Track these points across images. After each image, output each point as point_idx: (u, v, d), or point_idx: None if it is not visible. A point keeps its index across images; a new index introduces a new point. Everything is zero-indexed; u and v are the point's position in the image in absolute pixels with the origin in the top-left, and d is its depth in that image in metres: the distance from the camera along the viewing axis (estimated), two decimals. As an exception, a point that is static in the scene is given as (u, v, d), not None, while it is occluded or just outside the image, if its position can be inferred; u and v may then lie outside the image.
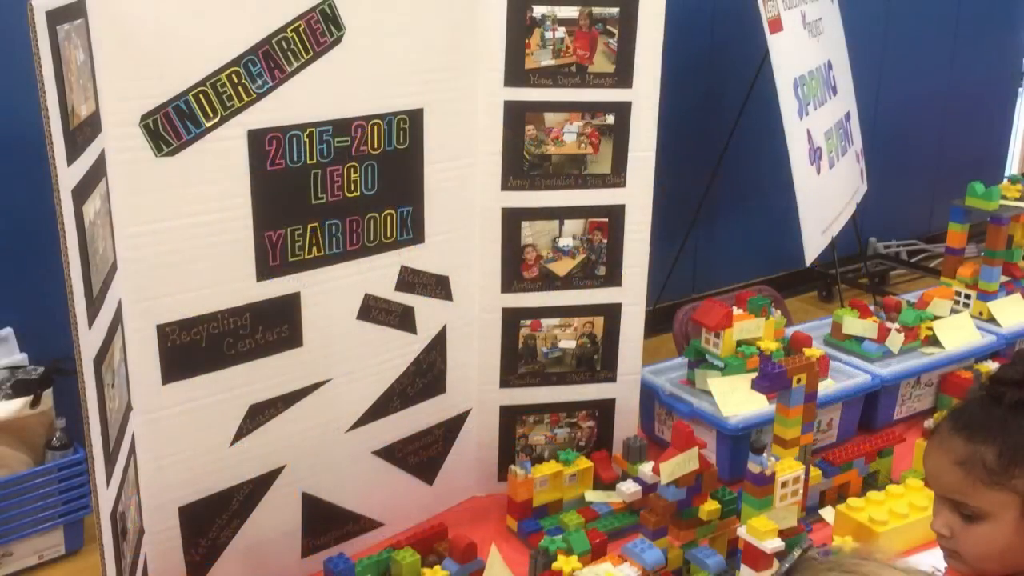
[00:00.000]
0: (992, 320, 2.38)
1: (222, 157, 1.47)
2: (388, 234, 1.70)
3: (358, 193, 1.64)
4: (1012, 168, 5.49)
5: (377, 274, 1.71)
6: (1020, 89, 5.46)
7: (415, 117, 1.68)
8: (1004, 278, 2.45)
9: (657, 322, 3.57)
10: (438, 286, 1.81)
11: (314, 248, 1.60)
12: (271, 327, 1.58)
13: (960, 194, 2.48)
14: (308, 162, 1.56)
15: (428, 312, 1.80)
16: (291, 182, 1.55)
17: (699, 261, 4.41)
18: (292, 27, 1.49)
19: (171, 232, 1.44)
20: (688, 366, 2.15)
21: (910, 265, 4.95)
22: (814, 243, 3.42)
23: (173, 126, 1.40)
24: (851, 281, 4.76)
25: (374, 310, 1.71)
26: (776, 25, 3.24)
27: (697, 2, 4.00)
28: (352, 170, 1.62)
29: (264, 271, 1.55)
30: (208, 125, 1.44)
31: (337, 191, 1.61)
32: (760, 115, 3.71)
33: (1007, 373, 1.22)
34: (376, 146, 1.64)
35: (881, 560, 0.82)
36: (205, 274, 1.48)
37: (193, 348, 1.49)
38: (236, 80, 1.45)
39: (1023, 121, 5.39)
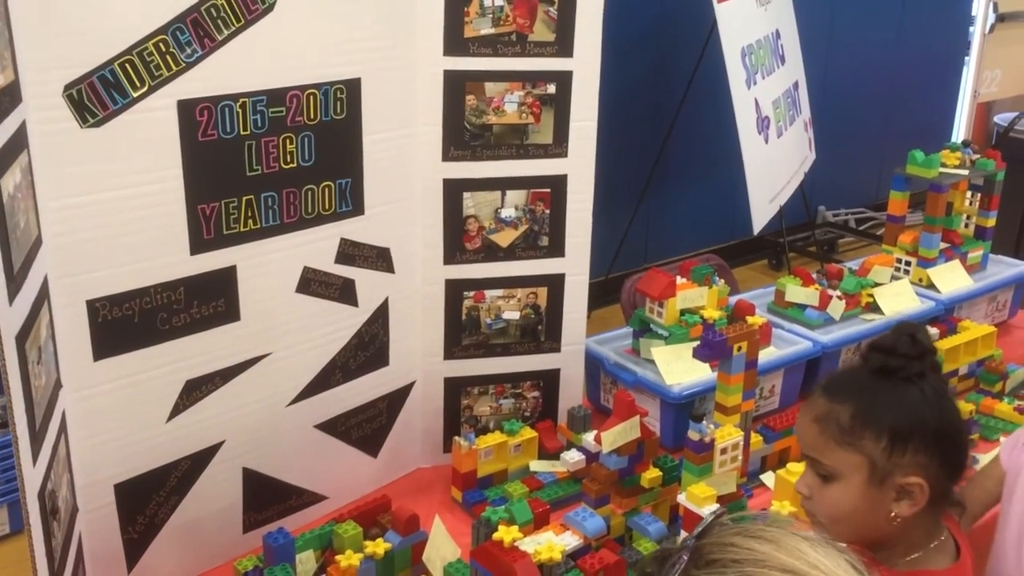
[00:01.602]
0: (932, 286, 2.42)
1: (151, 128, 1.43)
2: (326, 206, 1.68)
3: (295, 164, 1.62)
4: (958, 136, 5.58)
5: (316, 247, 1.69)
6: (966, 58, 5.52)
7: (352, 87, 1.66)
8: (944, 245, 2.49)
9: (610, 291, 3.60)
10: (379, 258, 1.79)
11: (250, 221, 1.58)
12: (207, 301, 1.55)
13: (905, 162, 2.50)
14: (242, 133, 1.53)
15: (369, 284, 1.78)
16: (224, 154, 1.52)
17: (651, 231, 4.44)
18: (222, -6, 1.46)
19: (99, 206, 1.40)
20: (633, 335, 2.16)
21: (858, 233, 5.03)
22: (762, 212, 3.46)
23: (98, 96, 1.36)
24: (800, 249, 4.83)
25: (314, 283, 1.70)
26: (724, -6, 3.24)
27: (646, -29, 3.99)
28: (288, 141, 1.60)
29: (198, 245, 1.52)
30: (135, 95, 1.40)
31: (273, 163, 1.59)
32: (709, 85, 3.73)
33: (880, 340, 1.24)
34: (312, 116, 1.62)
35: (786, 528, 0.82)
36: (136, 248, 1.45)
37: (125, 324, 1.46)
38: (164, 49, 1.41)
39: (969, 89, 5.46)
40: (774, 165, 3.58)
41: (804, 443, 1.25)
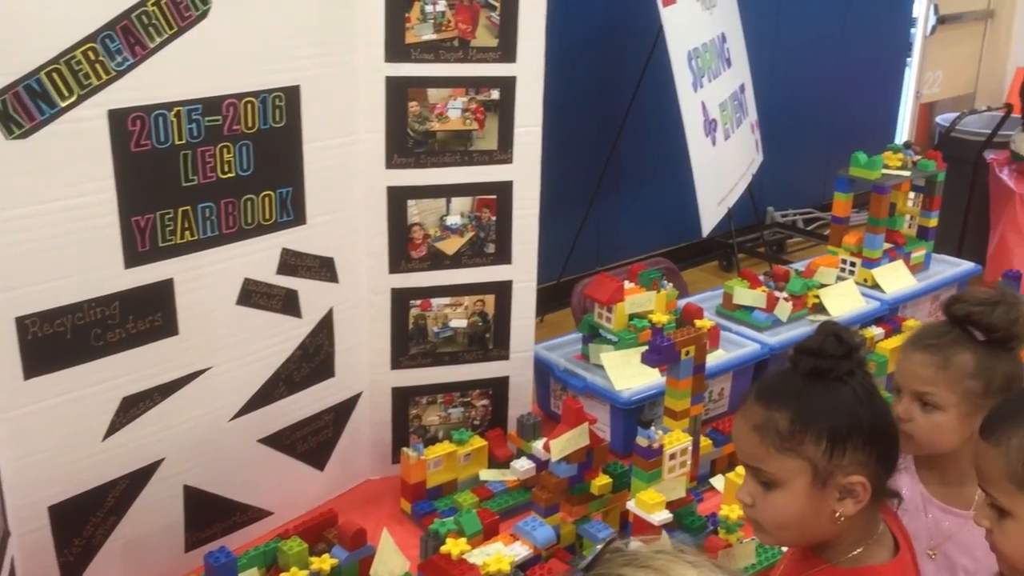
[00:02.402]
0: (876, 286, 2.45)
1: (81, 139, 1.39)
2: (267, 216, 1.65)
3: (233, 174, 1.58)
4: (902, 136, 5.67)
5: (257, 258, 1.65)
6: (908, 60, 5.62)
7: (291, 94, 1.63)
8: (887, 245, 2.52)
9: (562, 295, 3.58)
10: (323, 268, 1.76)
11: (187, 232, 1.54)
12: (143, 316, 1.51)
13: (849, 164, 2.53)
14: (177, 143, 1.50)
15: (313, 295, 1.75)
16: (159, 164, 1.48)
17: (602, 234, 4.44)
18: (153, 0, 1.42)
19: (27, 220, 1.36)
20: (582, 341, 2.15)
21: (806, 233, 5.07)
22: (711, 214, 3.47)
23: (24, 107, 1.32)
24: (750, 250, 4.86)
25: (255, 295, 1.66)
26: (669, -2, 3.24)
27: (593, -25, 3.99)
28: (225, 150, 1.56)
29: (132, 258, 1.48)
30: (64, 105, 1.36)
31: (210, 172, 1.55)
32: (657, 88, 3.74)
33: (807, 343, 1.22)
34: (251, 125, 1.58)
35: (676, 554, 0.81)
36: (67, 263, 1.41)
37: (57, 340, 1.42)
38: (93, 57, 1.37)
39: (911, 90, 5.55)
40: (722, 167, 3.60)
41: (744, 453, 1.23)
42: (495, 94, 1.82)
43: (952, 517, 1.54)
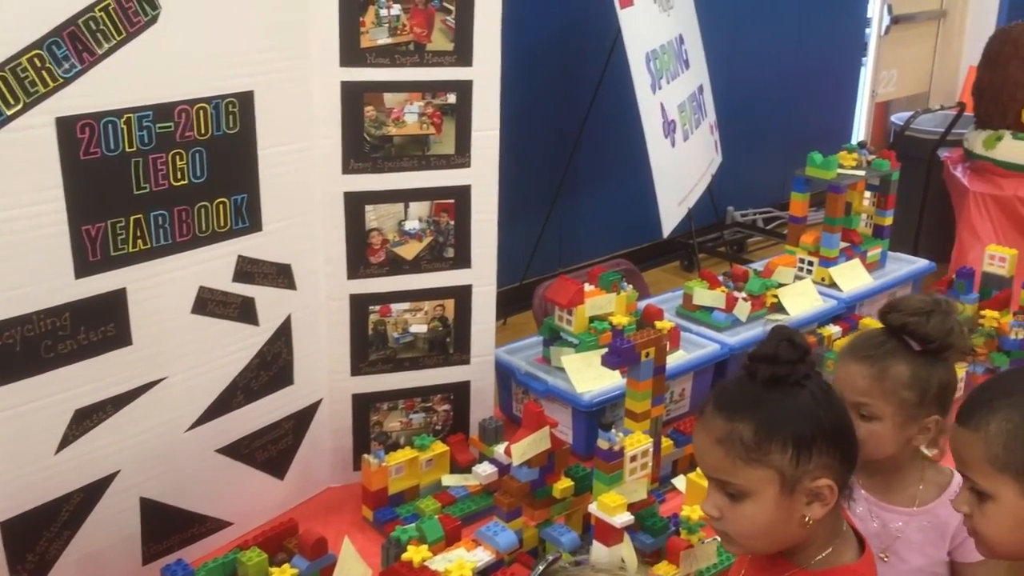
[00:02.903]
0: (833, 285, 2.48)
1: (29, 147, 1.37)
2: (222, 223, 1.63)
3: (186, 181, 1.56)
4: (859, 135, 5.75)
5: (212, 265, 1.63)
6: (863, 59, 5.69)
7: (245, 100, 1.61)
8: (844, 244, 2.54)
9: (525, 298, 3.59)
10: (280, 275, 1.75)
11: (139, 241, 1.52)
12: (95, 326, 1.49)
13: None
14: (127, 150, 1.47)
15: (270, 302, 1.74)
16: (109, 172, 1.46)
17: (564, 236, 4.45)
18: (100, 6, 1.40)
19: (-27, 230, 1.33)
20: (543, 344, 2.15)
21: (766, 232, 5.13)
22: (671, 214, 3.49)
23: (-32, 115, 1.29)
24: (711, 250, 4.90)
25: (210, 303, 1.64)
26: (627, 0, 3.27)
27: (551, -23, 4.00)
28: (178, 157, 1.54)
29: (83, 267, 1.46)
30: (10, 113, 1.33)
31: (162, 180, 1.53)
32: (616, 90, 3.75)
33: (761, 350, 1.20)
34: (203, 131, 1.56)
35: (614, 571, 0.81)
36: (15, 274, 1.38)
37: (6, 353, 1.39)
38: (39, 64, 1.35)
39: (867, 90, 5.62)
40: (681, 168, 3.62)
41: (708, 466, 1.20)
42: (452, 98, 1.82)
43: (899, 516, 1.57)
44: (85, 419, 1.50)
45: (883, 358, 1.49)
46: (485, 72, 1.83)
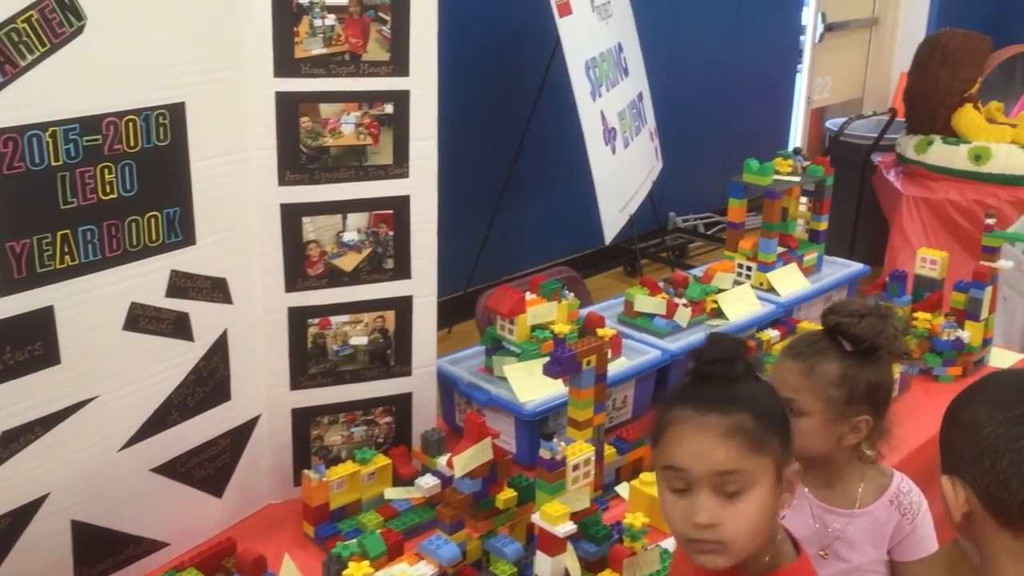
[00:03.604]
0: (771, 290, 2.51)
1: (-52, 162, 1.33)
2: (153, 237, 1.60)
3: (115, 195, 1.53)
4: (796, 140, 5.85)
5: (144, 280, 1.60)
6: (799, 66, 5.81)
7: (176, 111, 1.58)
8: (781, 249, 2.58)
9: (469, 306, 3.58)
10: (215, 289, 1.71)
11: (67, 257, 1.48)
12: (21, 345, 1.44)
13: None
14: (53, 164, 1.44)
15: (205, 317, 1.70)
16: (34, 187, 1.42)
17: (507, 243, 4.46)
18: (23, 17, 1.36)
19: None
20: (486, 353, 2.15)
21: (707, 237, 5.19)
22: (613, 221, 3.52)
23: None
24: (653, 255, 4.95)
25: (143, 319, 1.61)
26: (565, 9, 3.29)
27: (490, -14, 4.01)
28: (106, 171, 1.51)
29: (8, 285, 1.41)
30: (-72, 128, 1.29)
31: (90, 194, 1.49)
32: (557, 98, 3.78)
33: (721, 349, 1.23)
34: (133, 144, 1.53)
35: None
36: (-64, 293, 1.34)
37: (-73, 375, 1.35)
38: (-41, 77, 1.31)
39: (803, 96, 5.73)
40: (622, 175, 3.65)
41: (715, 464, 1.16)
42: (389, 108, 1.81)
43: (838, 517, 1.60)
44: (12, 441, 1.46)
45: (814, 356, 1.54)
46: (422, 82, 1.82)
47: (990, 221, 2.39)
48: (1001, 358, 2.47)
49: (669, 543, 1.68)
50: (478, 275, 4.17)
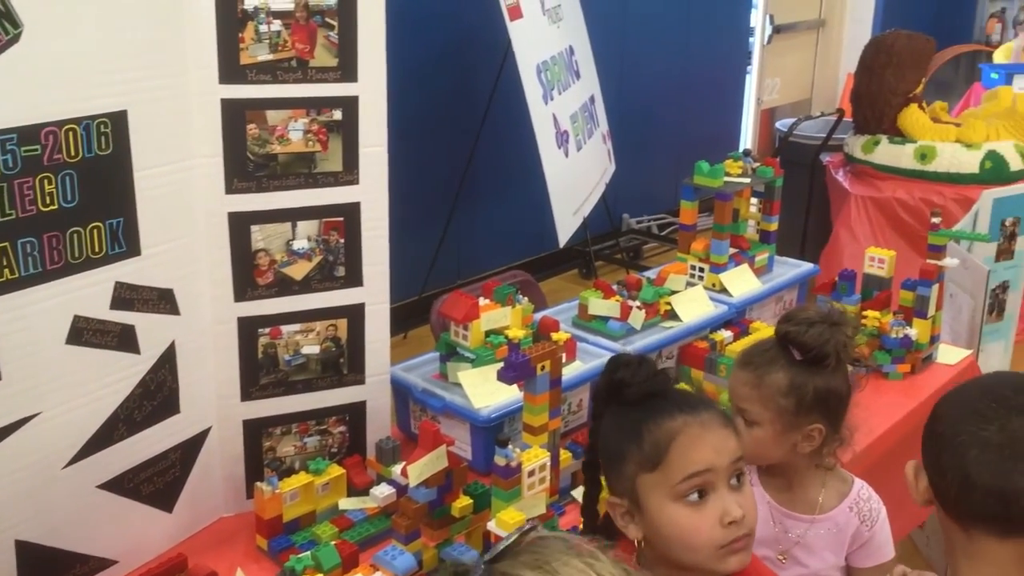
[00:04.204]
0: (724, 291, 2.53)
1: None
2: (96, 249, 1.56)
3: (56, 206, 1.49)
4: (747, 141, 5.92)
5: (87, 293, 1.56)
6: (748, 68, 5.87)
7: (118, 120, 1.55)
8: (733, 250, 2.60)
9: (425, 311, 3.56)
10: (161, 300, 1.68)
11: (6, 270, 1.44)
12: (-41, 362, 1.41)
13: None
14: (-10, 175, 1.40)
15: (152, 329, 1.67)
16: (-30, 199, 1.38)
17: (462, 247, 4.44)
18: (-45, 25, 1.32)
19: None
20: (440, 360, 2.13)
21: (661, 238, 5.23)
22: (566, 224, 3.52)
23: None
24: (608, 257, 4.97)
25: (86, 332, 1.57)
26: (516, 12, 3.29)
27: (441, -10, 4.00)
28: (46, 181, 1.47)
29: (-56, 300, 1.38)
30: None
31: (29, 205, 1.46)
32: (509, 102, 3.77)
33: (645, 370, 1.29)
34: (73, 153, 1.50)
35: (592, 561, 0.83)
36: None
37: None
38: None
39: (752, 97, 5.79)
40: (575, 178, 3.66)
41: (732, 451, 1.21)
42: (337, 114, 1.79)
43: (798, 522, 1.61)
44: (-49, 461, 1.42)
45: (763, 365, 1.55)
46: (371, 87, 1.80)
47: (936, 220, 2.43)
48: (948, 355, 2.51)
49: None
50: (433, 279, 4.16)
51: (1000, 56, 5.81)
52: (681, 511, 1.19)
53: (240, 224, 1.76)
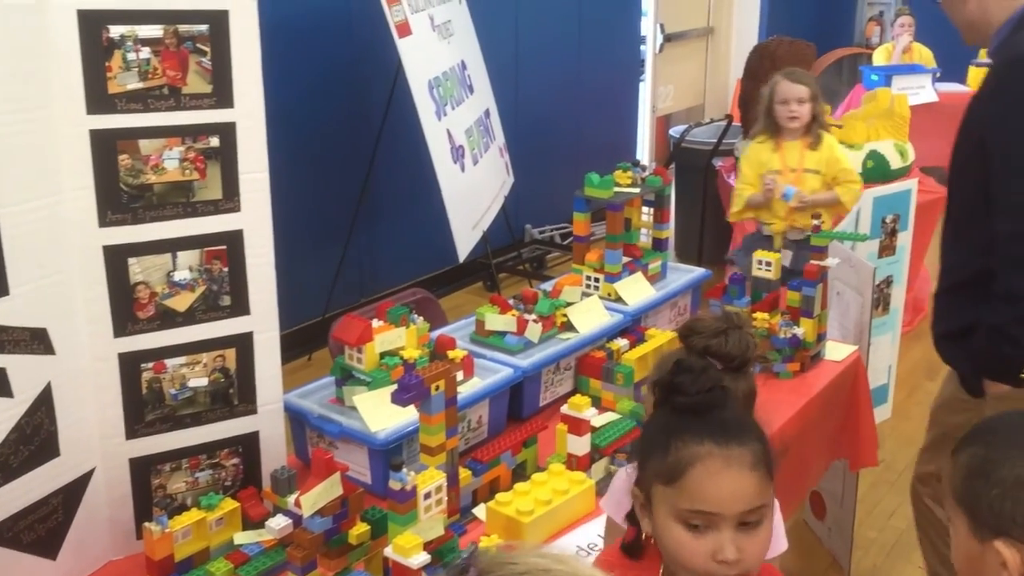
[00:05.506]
0: (619, 300, 2.56)
1: None
2: (-40, 291, 1.50)
3: (-87, 249, 1.42)
4: (644, 147, 6.02)
5: (-48, 337, 1.50)
6: (642, 76, 5.98)
7: (-23, 156, 1.49)
8: (626, 259, 2.64)
9: (328, 332, 3.52)
10: (34, 340, 1.62)
11: None
12: None
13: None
14: None
15: (25, 371, 1.61)
16: None
17: (364, 266, 4.41)
18: None
19: None
20: (336, 384, 2.11)
21: (564, 248, 5.27)
22: (465, 238, 3.53)
23: None
24: (512, 268, 4.99)
25: (-47, 378, 1.50)
26: (404, 29, 3.29)
27: (332, 10, 3.97)
28: (-100, 223, 1.41)
29: None
30: None
31: None
32: (404, 119, 3.76)
33: (705, 380, 1.22)
34: (-71, 193, 1.43)
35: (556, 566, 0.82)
36: None
37: None
38: None
39: (647, 106, 5.90)
40: (473, 192, 3.67)
41: (747, 498, 1.16)
42: (215, 141, 1.75)
43: None
44: None
45: None
46: (248, 113, 1.77)
47: (816, 222, 2.51)
48: (835, 351, 2.59)
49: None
50: (336, 299, 4.11)
51: (879, 56, 6.04)
52: (681, 531, 1.19)
53: (116, 257, 1.71)
